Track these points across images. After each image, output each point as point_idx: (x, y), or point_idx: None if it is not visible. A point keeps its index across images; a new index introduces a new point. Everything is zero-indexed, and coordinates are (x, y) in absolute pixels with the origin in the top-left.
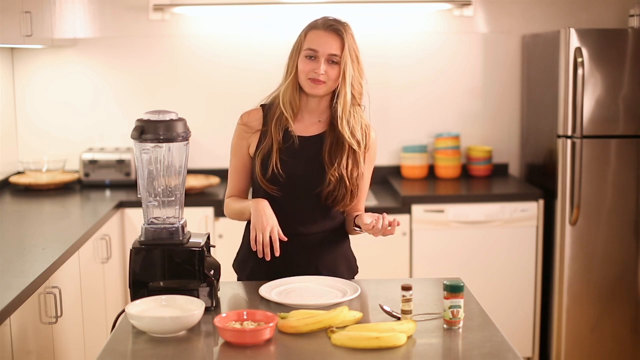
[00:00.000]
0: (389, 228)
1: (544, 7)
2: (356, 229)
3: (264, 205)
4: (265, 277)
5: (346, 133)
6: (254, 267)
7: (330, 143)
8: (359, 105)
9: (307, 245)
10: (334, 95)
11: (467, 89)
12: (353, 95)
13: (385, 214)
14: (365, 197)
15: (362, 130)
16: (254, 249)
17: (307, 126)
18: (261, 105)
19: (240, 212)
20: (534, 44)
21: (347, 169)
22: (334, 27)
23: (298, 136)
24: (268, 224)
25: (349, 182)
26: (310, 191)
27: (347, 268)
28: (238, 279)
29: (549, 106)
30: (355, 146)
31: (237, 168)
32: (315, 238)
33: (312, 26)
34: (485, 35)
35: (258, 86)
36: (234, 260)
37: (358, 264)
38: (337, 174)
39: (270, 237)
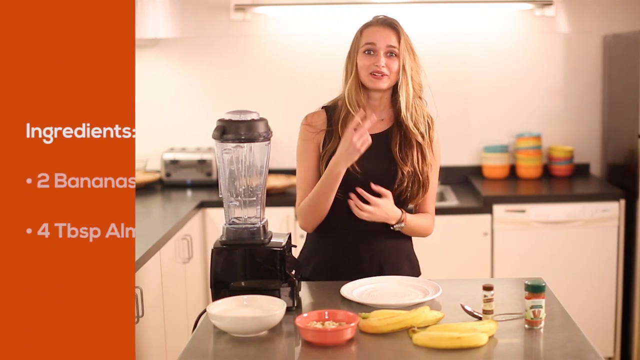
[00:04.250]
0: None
1: (626, 7)
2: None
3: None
4: (328, 273)
5: (410, 125)
6: (317, 263)
7: (399, 139)
8: (420, 97)
9: (373, 243)
10: (394, 91)
11: (549, 89)
12: (413, 88)
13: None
14: (433, 198)
15: (424, 123)
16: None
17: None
18: (323, 107)
19: (315, 196)
20: (615, 44)
21: (418, 163)
22: (388, 22)
23: None
24: (353, 146)
25: (421, 176)
26: (387, 188)
27: (409, 269)
28: (301, 277)
29: (630, 106)
30: (419, 138)
31: (308, 169)
32: (381, 237)
33: (367, 24)
34: (567, 36)
35: (339, 86)
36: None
37: (438, 264)
38: (410, 170)
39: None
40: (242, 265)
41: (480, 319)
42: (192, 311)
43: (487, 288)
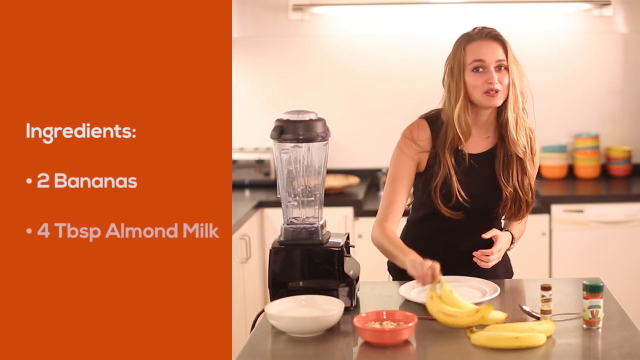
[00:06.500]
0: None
1: None
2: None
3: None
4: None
5: (514, 139)
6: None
7: (502, 157)
8: (523, 109)
9: (470, 258)
10: (499, 106)
11: (607, 89)
12: (521, 100)
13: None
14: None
15: (526, 136)
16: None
17: (476, 143)
18: (425, 119)
19: (388, 253)
20: None
21: (518, 179)
22: (492, 34)
23: (469, 154)
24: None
25: (522, 192)
26: (490, 211)
27: (504, 271)
28: (394, 280)
29: None
30: (521, 154)
31: (397, 180)
32: (476, 247)
33: (469, 39)
34: (625, 36)
35: (397, 86)
36: (388, 261)
37: None
38: (511, 189)
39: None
40: (300, 265)
41: (538, 319)
42: (251, 311)
43: (545, 288)
